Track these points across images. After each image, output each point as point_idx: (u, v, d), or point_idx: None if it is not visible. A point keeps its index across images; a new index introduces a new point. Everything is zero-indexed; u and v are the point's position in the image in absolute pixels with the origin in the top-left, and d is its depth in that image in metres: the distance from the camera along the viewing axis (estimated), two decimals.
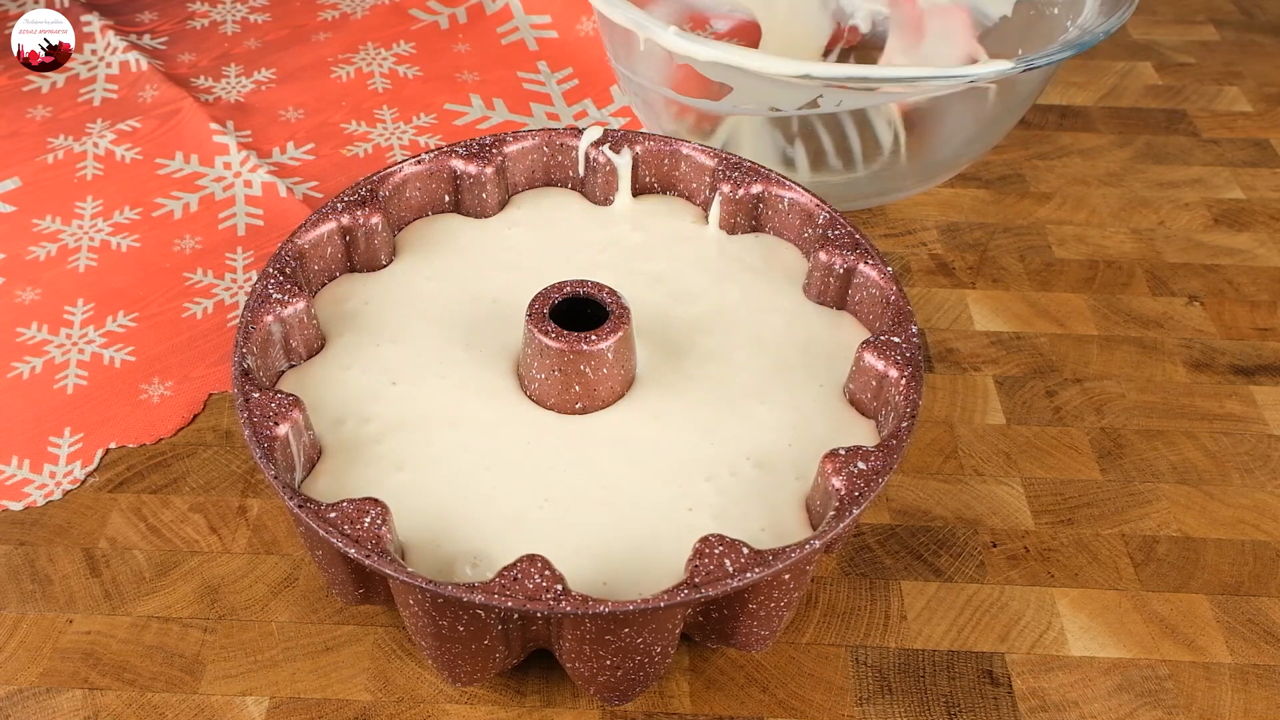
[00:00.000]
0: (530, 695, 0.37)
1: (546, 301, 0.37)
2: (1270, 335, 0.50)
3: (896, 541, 0.41)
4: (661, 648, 0.32)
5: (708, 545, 0.31)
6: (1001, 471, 0.44)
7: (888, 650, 0.38)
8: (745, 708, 0.36)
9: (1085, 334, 0.50)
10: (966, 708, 0.36)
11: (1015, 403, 0.47)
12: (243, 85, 0.64)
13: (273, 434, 0.33)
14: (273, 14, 0.70)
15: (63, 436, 0.44)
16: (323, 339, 0.39)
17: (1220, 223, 0.56)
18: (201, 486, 0.43)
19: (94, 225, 0.54)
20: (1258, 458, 0.45)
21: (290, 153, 0.59)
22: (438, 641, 0.33)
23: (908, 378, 0.35)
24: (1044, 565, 0.41)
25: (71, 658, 0.37)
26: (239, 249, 0.53)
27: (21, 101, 0.62)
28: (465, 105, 0.62)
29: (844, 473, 0.33)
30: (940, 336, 0.49)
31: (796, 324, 0.41)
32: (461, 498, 0.35)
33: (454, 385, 0.38)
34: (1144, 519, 0.42)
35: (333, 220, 0.41)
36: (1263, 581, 0.40)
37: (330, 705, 0.36)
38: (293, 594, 0.39)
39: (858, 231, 0.41)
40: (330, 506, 0.31)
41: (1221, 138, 0.62)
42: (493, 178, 0.44)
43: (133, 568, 0.40)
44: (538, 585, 0.30)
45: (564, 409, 0.37)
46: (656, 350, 0.39)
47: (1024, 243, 0.55)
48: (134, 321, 0.49)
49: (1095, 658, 0.38)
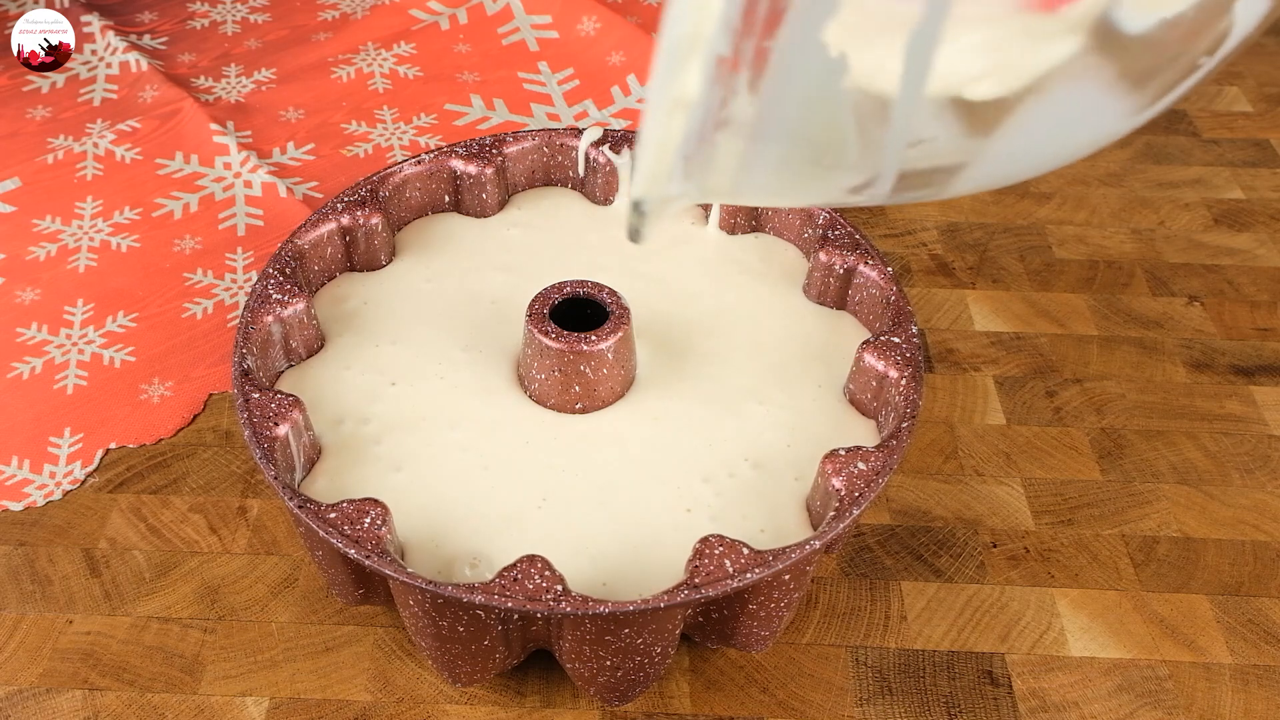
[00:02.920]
0: (530, 695, 0.36)
1: (546, 302, 0.37)
2: (1270, 335, 0.50)
3: (896, 542, 0.41)
4: (661, 648, 0.32)
5: (708, 545, 0.31)
6: (1001, 472, 0.44)
7: (888, 651, 0.38)
8: (745, 708, 0.36)
9: (1085, 334, 0.50)
10: (966, 708, 0.36)
11: (1015, 403, 0.47)
12: (243, 85, 0.64)
13: (273, 434, 0.33)
14: (273, 14, 0.70)
15: (63, 437, 0.44)
16: (322, 339, 0.39)
17: (1220, 223, 0.56)
18: (201, 487, 0.43)
19: (94, 225, 0.54)
20: (1258, 458, 0.45)
21: (290, 153, 0.59)
22: (438, 642, 0.33)
23: (908, 378, 0.35)
24: (1044, 565, 0.41)
25: (71, 658, 0.37)
26: (239, 249, 0.53)
27: (21, 101, 0.62)
28: (465, 105, 0.62)
29: (844, 473, 0.33)
30: (940, 336, 0.49)
31: (796, 324, 0.41)
32: (461, 498, 0.35)
33: (453, 385, 0.38)
34: (1144, 519, 0.42)
35: (333, 220, 0.41)
36: (1263, 582, 0.40)
37: (330, 705, 0.36)
38: (293, 594, 0.39)
39: (858, 231, 0.41)
40: (330, 507, 0.31)
41: (1221, 138, 0.62)
42: (493, 178, 0.44)
43: (133, 568, 0.40)
44: (538, 585, 0.30)
45: (564, 409, 0.37)
46: (656, 351, 0.39)
47: (1024, 243, 0.55)
48: (134, 322, 0.49)
49: (1095, 658, 0.38)
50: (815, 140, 0.22)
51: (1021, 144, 0.22)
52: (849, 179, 0.22)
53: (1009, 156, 0.22)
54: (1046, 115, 0.21)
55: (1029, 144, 0.22)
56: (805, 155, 0.22)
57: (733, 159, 0.22)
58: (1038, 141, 0.22)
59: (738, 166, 0.22)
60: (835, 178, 0.22)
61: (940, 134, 0.21)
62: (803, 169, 0.22)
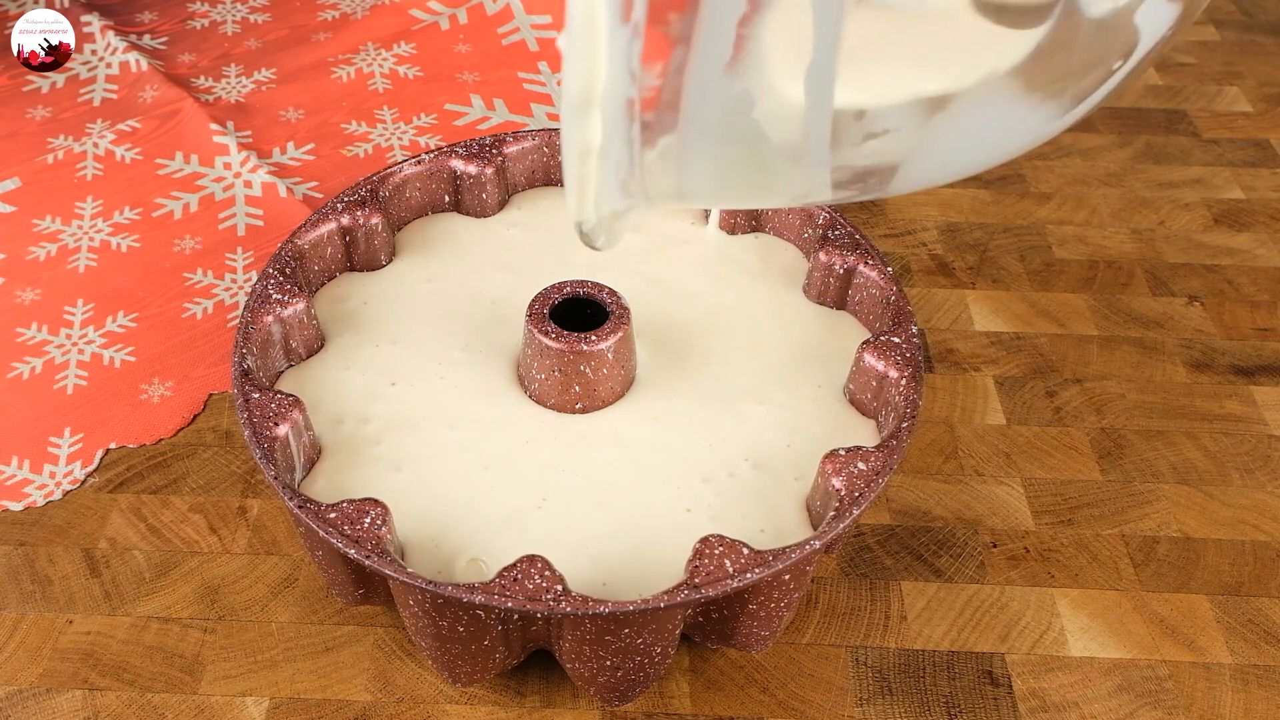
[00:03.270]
0: (530, 695, 0.36)
1: (546, 302, 0.37)
2: (1270, 335, 0.50)
3: (896, 542, 0.41)
4: (661, 648, 0.32)
5: (708, 545, 0.31)
6: (1001, 472, 0.44)
7: (888, 651, 0.38)
8: (745, 708, 0.36)
9: (1085, 334, 0.50)
10: (966, 708, 0.36)
11: (1015, 403, 0.47)
12: (243, 85, 0.64)
13: (273, 434, 0.33)
14: (273, 14, 0.70)
15: (63, 437, 0.44)
16: (322, 339, 0.39)
17: (1220, 223, 0.56)
18: (201, 487, 0.43)
19: (94, 225, 0.54)
20: (1258, 458, 0.45)
21: (290, 153, 0.59)
22: (438, 642, 0.33)
23: (908, 378, 0.35)
24: (1044, 565, 0.41)
25: (71, 658, 0.37)
26: (239, 249, 0.53)
27: (21, 101, 0.62)
28: (465, 105, 0.62)
29: (844, 473, 0.33)
30: (940, 336, 0.49)
31: (796, 324, 0.41)
32: (461, 498, 0.35)
33: (453, 385, 0.38)
34: (1144, 519, 0.42)
35: (333, 220, 0.41)
36: (1263, 582, 0.40)
37: (330, 705, 0.36)
38: (293, 594, 0.39)
39: (858, 231, 0.41)
40: (330, 507, 0.31)
41: (1221, 138, 0.62)
42: (493, 178, 0.44)
43: (132, 568, 0.40)
44: (538, 585, 0.30)
45: (564, 409, 0.37)
46: (656, 351, 0.39)
47: (1024, 243, 0.55)
48: (134, 322, 0.49)
49: (1095, 658, 0.38)
50: (742, 159, 0.23)
51: (950, 146, 0.23)
52: (788, 187, 0.23)
53: (941, 158, 0.23)
54: (968, 124, 0.22)
55: (957, 147, 0.23)
56: (738, 170, 0.23)
57: (668, 177, 0.23)
58: (964, 145, 0.23)
59: (675, 182, 0.24)
60: (775, 186, 0.23)
61: (861, 143, 0.22)
62: (741, 179, 0.24)
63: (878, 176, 0.23)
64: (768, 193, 0.25)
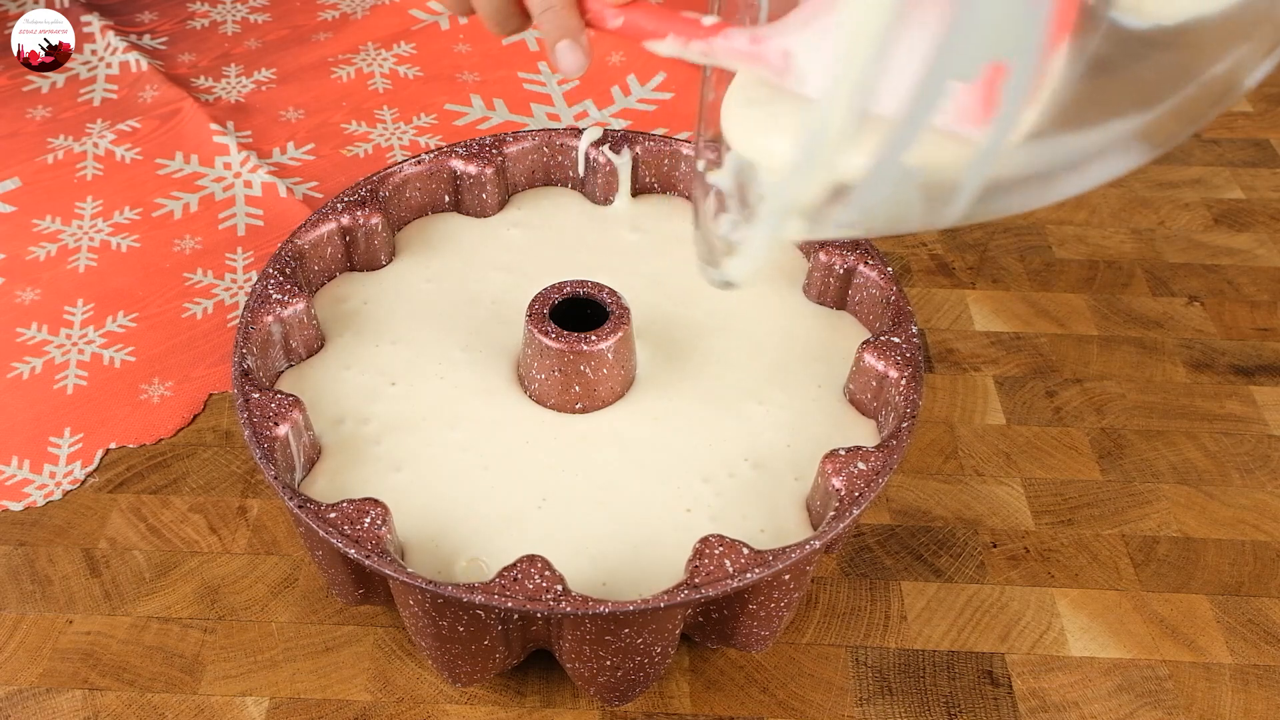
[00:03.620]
0: (530, 695, 0.36)
1: (546, 302, 0.37)
2: (1270, 335, 0.50)
3: (896, 542, 0.41)
4: (661, 648, 0.32)
5: (708, 545, 0.31)
6: (1001, 471, 0.44)
7: (888, 650, 0.38)
8: (745, 708, 0.36)
9: (1085, 334, 0.50)
10: (966, 708, 0.36)
11: (1015, 403, 0.46)
12: (243, 85, 0.64)
13: (273, 434, 0.33)
14: (273, 14, 0.70)
15: (63, 437, 0.44)
16: (322, 339, 0.39)
17: (1220, 223, 0.56)
18: (201, 487, 0.43)
19: (94, 225, 0.54)
20: (1258, 458, 0.45)
21: (290, 153, 0.59)
22: (438, 642, 0.33)
23: (908, 378, 0.35)
24: (1044, 565, 0.41)
25: (71, 658, 0.37)
26: (239, 249, 0.53)
27: (21, 101, 0.62)
28: (465, 105, 0.62)
29: (844, 473, 0.33)
30: (940, 336, 0.49)
31: (796, 324, 0.41)
32: (461, 498, 0.35)
33: (453, 385, 0.38)
34: (1144, 519, 0.42)
35: (333, 220, 0.41)
36: (1263, 582, 0.40)
37: (330, 705, 0.36)
38: (293, 594, 0.39)
39: None
40: (330, 507, 0.31)
41: (1221, 138, 0.62)
42: (493, 178, 0.44)
43: (133, 568, 0.40)
44: (538, 585, 0.30)
45: (564, 409, 0.37)
46: (656, 350, 0.39)
47: (1024, 243, 0.55)
48: (134, 322, 0.49)
49: (1095, 658, 0.38)
50: (909, 200, 0.24)
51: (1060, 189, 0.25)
52: (921, 222, 0.25)
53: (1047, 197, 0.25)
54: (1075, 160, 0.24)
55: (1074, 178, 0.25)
56: (897, 208, 0.25)
57: (839, 226, 0.26)
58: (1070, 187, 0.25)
59: (838, 224, 0.26)
60: (912, 222, 0.25)
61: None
62: (893, 219, 0.26)
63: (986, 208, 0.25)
64: (902, 226, 0.26)
